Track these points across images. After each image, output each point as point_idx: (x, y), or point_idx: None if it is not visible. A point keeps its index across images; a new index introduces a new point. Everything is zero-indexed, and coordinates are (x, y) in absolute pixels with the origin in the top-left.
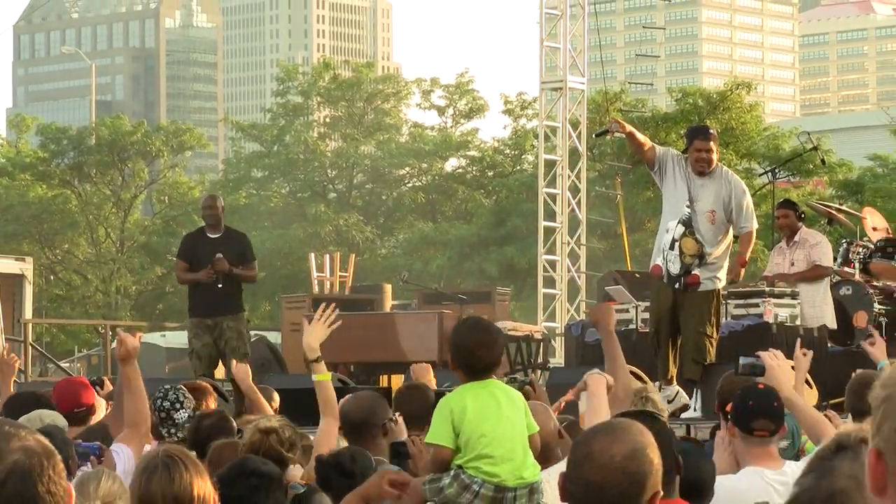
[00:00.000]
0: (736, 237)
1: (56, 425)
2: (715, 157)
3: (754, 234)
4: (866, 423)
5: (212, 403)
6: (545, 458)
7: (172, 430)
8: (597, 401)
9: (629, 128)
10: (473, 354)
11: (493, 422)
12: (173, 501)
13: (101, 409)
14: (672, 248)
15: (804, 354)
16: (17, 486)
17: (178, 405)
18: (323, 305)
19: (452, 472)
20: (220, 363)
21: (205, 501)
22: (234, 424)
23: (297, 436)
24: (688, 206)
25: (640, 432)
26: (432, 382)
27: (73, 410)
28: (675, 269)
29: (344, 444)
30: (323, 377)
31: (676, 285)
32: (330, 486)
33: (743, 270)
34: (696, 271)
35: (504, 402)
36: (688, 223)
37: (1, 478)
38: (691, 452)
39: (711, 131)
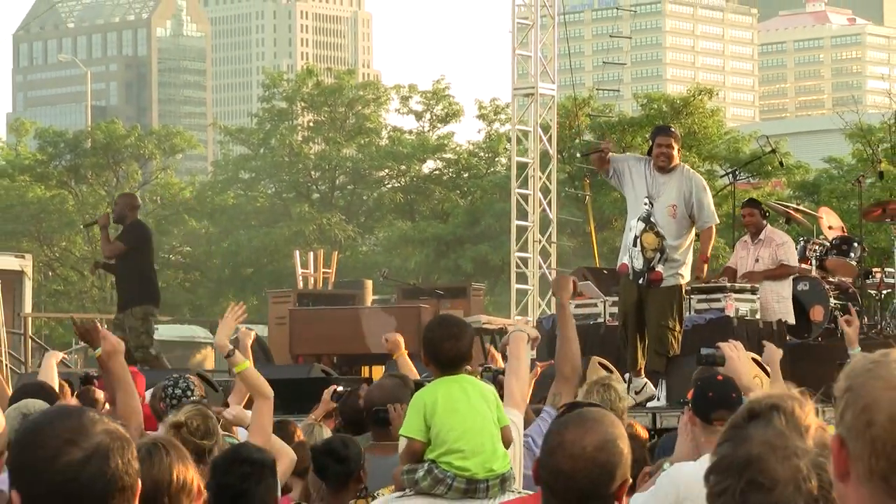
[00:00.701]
0: (698, 235)
1: None
2: (675, 153)
3: (714, 231)
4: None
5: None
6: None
7: None
8: (515, 362)
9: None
10: (440, 347)
11: (462, 416)
12: (151, 485)
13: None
14: (635, 244)
15: (734, 348)
16: (100, 463)
17: (188, 392)
18: (232, 304)
19: (426, 467)
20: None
21: (185, 486)
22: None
23: (211, 422)
24: (646, 204)
25: (612, 423)
26: (413, 373)
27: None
28: (638, 264)
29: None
30: (242, 367)
31: (640, 281)
32: (327, 473)
33: (706, 266)
34: (658, 268)
35: (474, 396)
36: (647, 219)
37: (87, 455)
38: None
39: (672, 129)
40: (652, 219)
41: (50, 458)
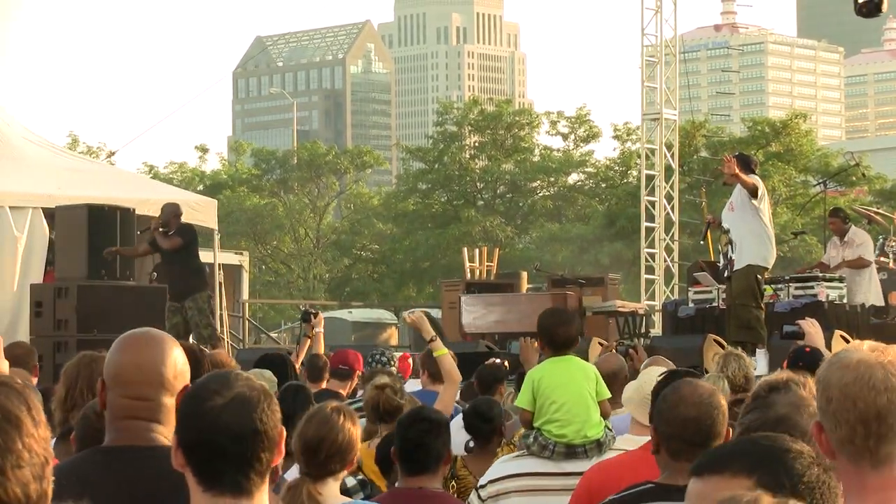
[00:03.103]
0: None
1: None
2: (731, 170)
3: (754, 181)
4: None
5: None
6: None
7: None
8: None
9: (736, 171)
10: (554, 332)
11: (561, 391)
12: (318, 442)
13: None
14: (721, 251)
15: (812, 325)
16: (238, 409)
17: (391, 362)
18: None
19: (533, 434)
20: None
21: (352, 445)
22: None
23: (403, 387)
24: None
25: (706, 382)
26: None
27: (338, 367)
28: (722, 263)
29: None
30: (441, 353)
31: (725, 273)
32: (478, 431)
33: (731, 166)
34: (733, 257)
35: (576, 373)
36: (720, 227)
37: (226, 402)
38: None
39: (738, 154)
40: (723, 225)
41: (198, 405)
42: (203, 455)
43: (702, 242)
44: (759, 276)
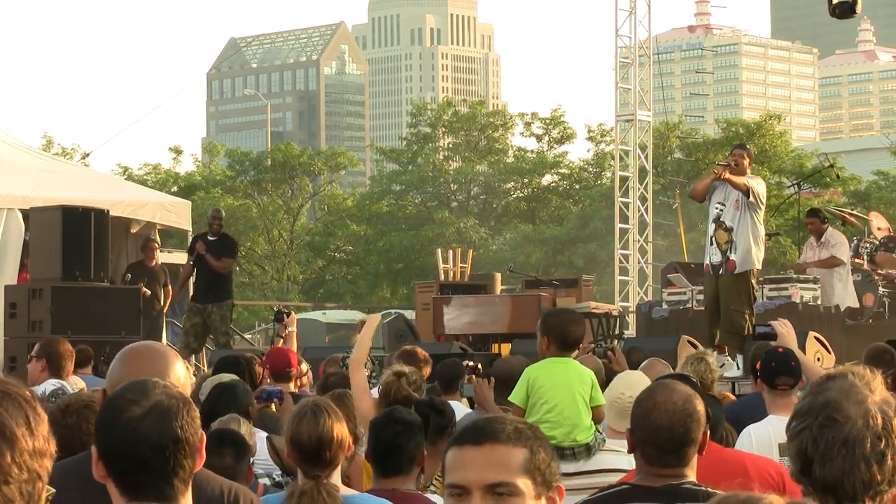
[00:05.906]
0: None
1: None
2: (744, 162)
3: (748, 183)
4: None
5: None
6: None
7: None
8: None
9: (727, 176)
10: (568, 329)
11: (554, 392)
12: (318, 441)
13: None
14: (711, 244)
15: (784, 325)
16: (156, 418)
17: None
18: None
19: None
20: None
21: (342, 443)
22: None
23: (423, 380)
24: (717, 208)
25: (685, 387)
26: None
27: (283, 370)
28: (715, 259)
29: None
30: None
31: (720, 272)
32: (428, 423)
33: (721, 172)
34: (732, 257)
35: (572, 377)
36: (717, 219)
37: (144, 412)
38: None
39: (746, 145)
40: (721, 218)
41: (116, 415)
42: (125, 465)
43: (719, 163)
44: (753, 280)
